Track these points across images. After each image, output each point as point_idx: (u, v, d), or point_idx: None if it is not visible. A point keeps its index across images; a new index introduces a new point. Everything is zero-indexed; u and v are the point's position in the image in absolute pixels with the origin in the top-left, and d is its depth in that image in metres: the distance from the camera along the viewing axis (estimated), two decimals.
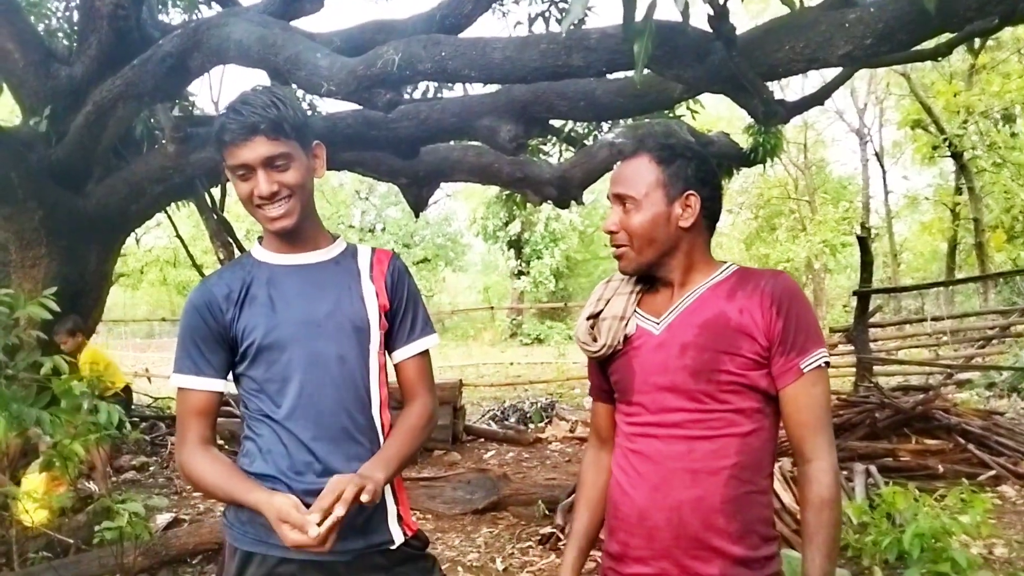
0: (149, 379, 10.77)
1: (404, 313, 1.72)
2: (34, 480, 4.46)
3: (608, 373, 1.62)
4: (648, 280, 1.60)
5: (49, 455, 3.93)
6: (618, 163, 1.59)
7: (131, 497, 3.88)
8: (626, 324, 1.57)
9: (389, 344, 1.72)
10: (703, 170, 1.54)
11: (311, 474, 1.56)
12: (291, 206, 1.59)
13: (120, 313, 18.42)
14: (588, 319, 1.62)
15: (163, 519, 4.98)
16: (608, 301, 1.60)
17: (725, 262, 1.59)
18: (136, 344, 20.43)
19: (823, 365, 1.46)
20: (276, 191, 1.57)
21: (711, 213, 1.56)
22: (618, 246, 1.56)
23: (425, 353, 1.75)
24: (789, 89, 19.06)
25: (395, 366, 1.74)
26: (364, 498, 1.44)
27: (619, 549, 1.54)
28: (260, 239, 1.73)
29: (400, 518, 1.66)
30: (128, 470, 6.90)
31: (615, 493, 1.58)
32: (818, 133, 25.76)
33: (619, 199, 1.54)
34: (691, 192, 1.52)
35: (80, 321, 5.73)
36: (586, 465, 1.72)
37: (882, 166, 22.61)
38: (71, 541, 4.21)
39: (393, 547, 1.63)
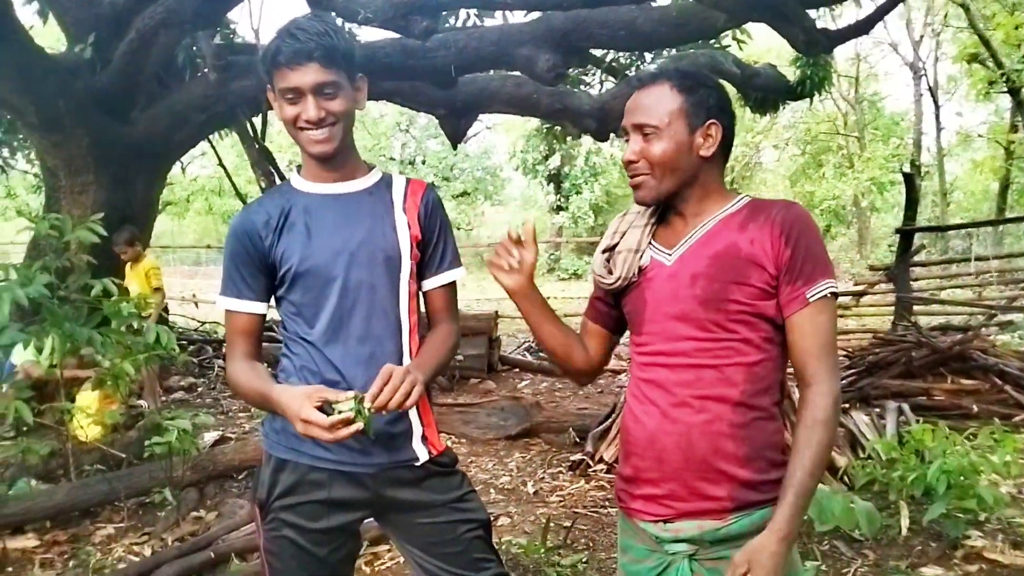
0: (196, 304, 11.05)
1: (436, 245, 1.78)
2: (87, 397, 4.67)
3: (622, 305, 1.65)
4: (662, 212, 1.61)
5: (101, 374, 4.12)
6: (635, 92, 1.57)
7: (180, 415, 4.07)
8: (640, 256, 1.58)
9: (420, 273, 1.78)
10: (723, 99, 1.54)
11: (357, 386, 1.63)
12: (334, 132, 1.64)
13: (168, 240, 18.82)
14: (604, 252, 1.64)
15: (210, 436, 5.20)
16: (623, 234, 1.62)
17: (739, 193, 1.59)
18: (184, 271, 20.91)
19: (829, 295, 1.47)
20: (323, 117, 1.62)
21: (727, 143, 1.56)
22: (636, 175, 1.55)
23: (452, 284, 1.82)
24: (842, 20, 18.32)
25: (423, 294, 1.81)
26: (405, 400, 1.51)
27: (631, 472, 1.59)
28: (299, 168, 1.78)
29: (425, 438, 1.74)
30: (177, 390, 7.18)
31: (627, 420, 1.62)
32: (871, 66, 24.87)
33: (638, 128, 1.53)
34: (713, 121, 1.51)
35: (136, 231, 5.84)
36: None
37: (936, 102, 21.79)
38: (123, 455, 4.42)
39: (418, 463, 1.72)
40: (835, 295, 1.49)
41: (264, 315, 1.74)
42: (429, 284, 1.80)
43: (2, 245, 16.09)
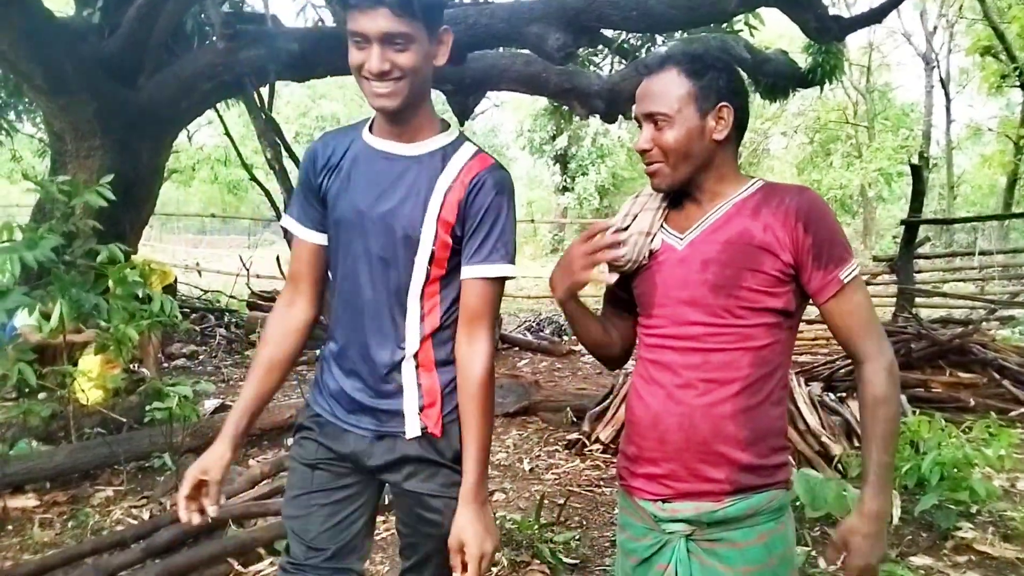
0: (200, 273, 11.07)
1: (475, 232, 1.59)
2: (90, 361, 4.70)
3: (632, 287, 1.64)
4: (675, 195, 1.60)
5: (104, 338, 4.14)
6: (644, 79, 1.55)
7: (181, 381, 4.09)
8: (651, 239, 1.58)
9: (459, 261, 1.62)
10: (734, 80, 1.52)
11: (351, 353, 1.67)
12: (398, 88, 1.51)
13: (173, 208, 18.82)
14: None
15: (211, 404, 5.23)
16: (635, 216, 1.61)
17: (752, 177, 1.58)
18: (188, 239, 20.94)
19: (858, 273, 1.49)
20: (387, 70, 1.49)
21: (740, 124, 1.55)
22: (651, 163, 1.55)
23: (489, 281, 1.60)
24: (855, 7, 18.16)
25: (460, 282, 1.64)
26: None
27: (634, 451, 1.61)
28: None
29: (421, 409, 1.64)
30: (179, 357, 7.22)
31: (632, 399, 1.63)
32: (883, 56, 24.69)
33: (649, 117, 1.52)
34: (724, 104, 1.50)
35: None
36: None
37: (947, 94, 21.65)
38: (124, 420, 4.46)
39: (407, 438, 1.65)
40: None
41: (322, 246, 1.70)
42: (463, 274, 1.61)
43: (7, 208, 16.12)
